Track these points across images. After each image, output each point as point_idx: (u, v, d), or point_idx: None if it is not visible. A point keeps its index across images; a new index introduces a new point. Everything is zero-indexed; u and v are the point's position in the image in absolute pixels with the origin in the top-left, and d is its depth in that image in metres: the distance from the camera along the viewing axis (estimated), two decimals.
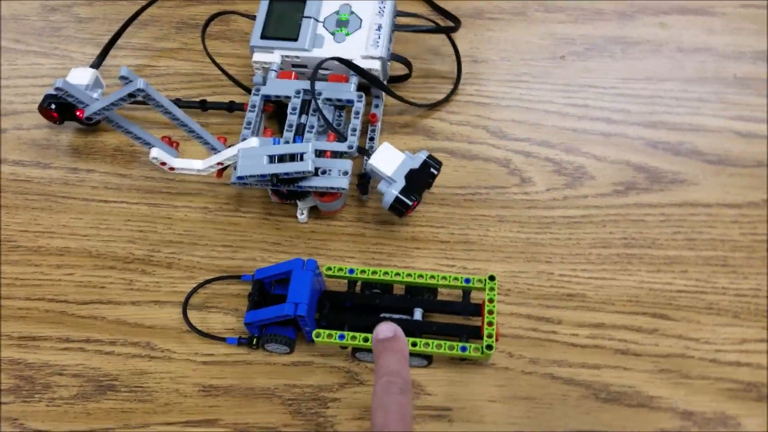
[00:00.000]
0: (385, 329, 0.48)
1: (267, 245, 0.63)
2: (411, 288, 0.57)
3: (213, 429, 0.55)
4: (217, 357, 0.58)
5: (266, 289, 0.58)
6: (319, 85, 0.63)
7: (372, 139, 0.65)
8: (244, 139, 0.61)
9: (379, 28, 0.66)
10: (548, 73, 0.72)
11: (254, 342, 0.57)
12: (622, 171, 0.65)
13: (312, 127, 0.61)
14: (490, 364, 0.57)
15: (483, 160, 0.66)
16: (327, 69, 0.66)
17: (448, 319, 0.57)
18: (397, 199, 0.58)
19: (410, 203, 0.58)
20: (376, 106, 0.67)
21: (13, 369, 0.58)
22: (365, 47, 0.66)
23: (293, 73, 0.65)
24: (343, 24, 0.67)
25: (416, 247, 0.62)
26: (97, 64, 0.71)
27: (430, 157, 0.60)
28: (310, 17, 0.66)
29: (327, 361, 0.57)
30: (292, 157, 0.57)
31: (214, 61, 0.67)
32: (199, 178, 0.67)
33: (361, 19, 0.67)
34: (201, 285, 0.61)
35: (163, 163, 0.59)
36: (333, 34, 0.66)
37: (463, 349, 0.53)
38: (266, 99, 0.64)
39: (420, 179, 0.59)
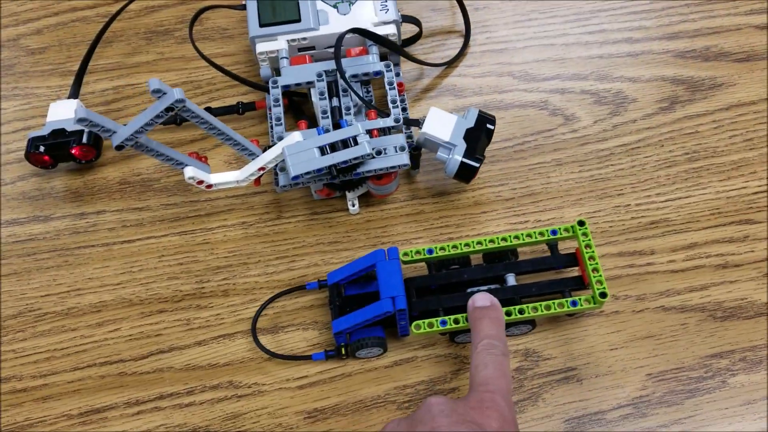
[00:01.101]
0: (482, 298, 0.48)
1: (324, 246, 0.58)
2: (488, 255, 0.54)
3: None
4: (311, 377, 0.53)
5: (343, 294, 0.53)
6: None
7: (405, 109, 0.60)
8: (281, 138, 0.55)
9: None
10: (554, 5, 0.68)
11: (343, 351, 0.52)
12: (660, 87, 0.63)
13: (348, 108, 0.56)
14: (598, 313, 0.54)
15: (519, 107, 0.63)
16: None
17: (538, 277, 0.54)
18: (462, 164, 0.54)
19: (478, 165, 0.54)
20: (397, 74, 0.63)
21: None
22: (375, 14, 0.60)
23: (307, 57, 0.59)
24: None
25: (482, 212, 0.58)
26: (74, 94, 0.63)
27: (480, 112, 0.56)
28: None
29: (430, 352, 0.53)
30: (344, 144, 0.52)
31: (213, 64, 0.60)
32: (226, 192, 0.60)
33: None
34: (264, 306, 0.55)
35: (200, 182, 0.53)
36: (335, 7, 0.61)
37: (574, 303, 0.49)
38: (285, 89, 0.58)
39: (479, 137, 0.55)
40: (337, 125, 0.55)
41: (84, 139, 0.58)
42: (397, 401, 0.51)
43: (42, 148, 0.58)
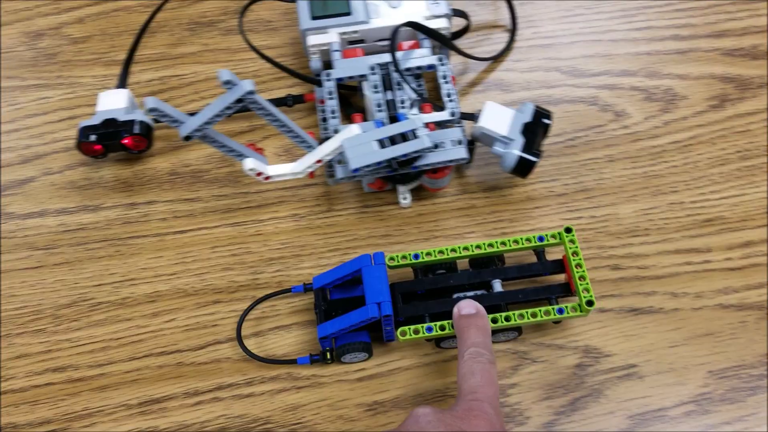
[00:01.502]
0: (468, 305, 0.48)
1: (377, 239, 0.58)
2: (474, 261, 0.53)
3: None
4: (369, 370, 0.53)
5: (327, 297, 0.53)
6: (390, 57, 0.58)
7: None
8: (337, 130, 0.55)
9: None
10: (598, 2, 0.69)
11: (328, 356, 0.51)
12: (710, 85, 0.63)
13: (403, 101, 0.56)
14: (657, 309, 0.54)
15: (569, 103, 0.63)
16: (385, 39, 0.60)
17: (524, 284, 0.53)
18: (521, 158, 0.54)
19: (536, 160, 0.54)
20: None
21: None
22: (426, 7, 0.60)
23: (359, 50, 0.59)
24: None
25: (535, 207, 0.59)
26: (122, 84, 0.62)
27: (537, 107, 0.56)
28: None
29: None
30: (404, 137, 0.52)
31: (264, 57, 0.60)
32: (276, 185, 0.60)
33: None
34: (250, 308, 0.54)
35: (259, 173, 0.52)
36: None
37: (560, 311, 0.49)
38: (339, 82, 0.58)
39: (536, 132, 0.55)
40: (393, 118, 0.55)
41: (136, 130, 0.58)
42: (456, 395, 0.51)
43: (93, 137, 0.58)
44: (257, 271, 0.57)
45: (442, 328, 0.49)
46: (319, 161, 0.53)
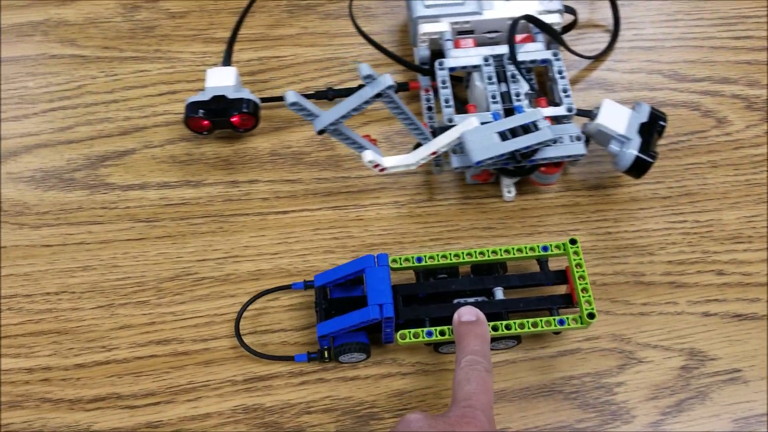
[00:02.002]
0: (468, 312, 0.47)
1: (479, 231, 0.58)
2: (477, 267, 0.53)
3: None
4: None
5: (329, 297, 0.52)
6: (504, 49, 0.58)
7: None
8: (450, 120, 0.55)
9: None
10: (698, 7, 0.68)
11: (326, 355, 0.51)
12: None
13: (518, 94, 0.56)
14: (761, 316, 0.54)
15: (671, 107, 0.63)
16: (496, 31, 0.60)
17: (524, 293, 0.53)
18: (638, 158, 0.54)
19: (652, 161, 0.54)
20: None
21: (253, 418, 0.50)
22: (539, 2, 0.60)
23: (472, 41, 0.59)
24: None
25: (639, 208, 0.58)
26: (227, 61, 0.62)
27: (653, 109, 0.55)
28: None
29: (594, 345, 0.53)
30: (525, 129, 0.52)
31: (374, 43, 0.60)
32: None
33: None
34: (249, 303, 0.54)
35: (376, 165, 0.52)
36: None
37: (561, 322, 0.49)
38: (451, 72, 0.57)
39: (651, 133, 0.55)
40: (511, 111, 0.55)
41: (245, 108, 0.58)
42: (564, 392, 0.51)
43: (202, 113, 0.58)
44: (359, 256, 0.56)
45: (442, 333, 0.48)
46: (433, 153, 0.53)
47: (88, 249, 0.57)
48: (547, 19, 0.59)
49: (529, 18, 0.57)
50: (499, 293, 0.51)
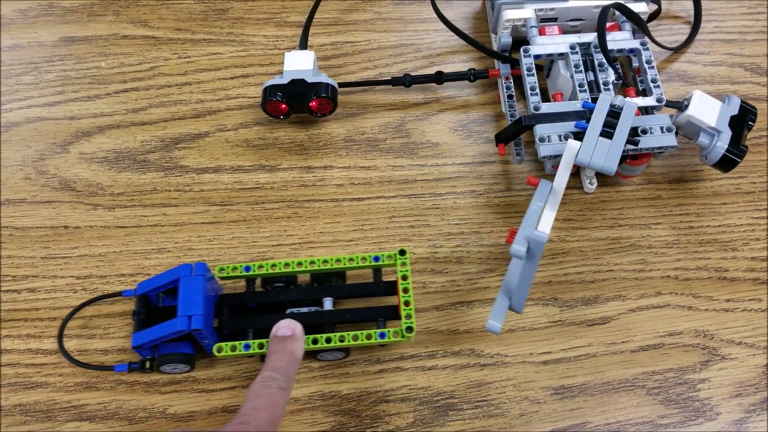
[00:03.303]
0: (285, 326, 0.45)
1: (558, 223, 0.57)
2: (317, 276, 0.52)
3: None
4: (554, 354, 0.52)
5: (154, 302, 0.51)
6: (591, 37, 0.56)
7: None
8: (537, 108, 0.53)
9: None
10: None
11: (147, 365, 0.50)
12: None
13: (606, 83, 0.54)
14: None
15: (754, 100, 0.61)
16: (579, 19, 0.59)
17: (363, 303, 0.52)
18: (729, 151, 0.52)
19: (742, 155, 0.52)
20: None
21: (330, 405, 0.50)
22: None
23: (558, 28, 0.58)
24: None
25: (722, 203, 0.57)
26: (304, 45, 0.62)
27: (743, 102, 0.54)
28: None
29: (677, 340, 0.52)
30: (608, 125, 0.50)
31: (451, 25, 0.59)
32: (453, 159, 0.59)
33: None
34: (76, 311, 0.53)
35: None
36: None
37: (382, 335, 0.47)
38: (536, 59, 0.56)
39: (742, 126, 0.53)
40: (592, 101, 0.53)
41: (323, 93, 0.57)
42: (646, 387, 0.50)
43: (280, 96, 0.57)
44: (436, 245, 0.56)
45: (261, 346, 0.47)
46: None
47: (162, 231, 0.57)
48: (634, 7, 0.58)
49: (619, 6, 0.56)
50: (329, 304, 0.50)
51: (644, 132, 0.52)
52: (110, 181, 0.59)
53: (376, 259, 0.50)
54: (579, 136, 0.51)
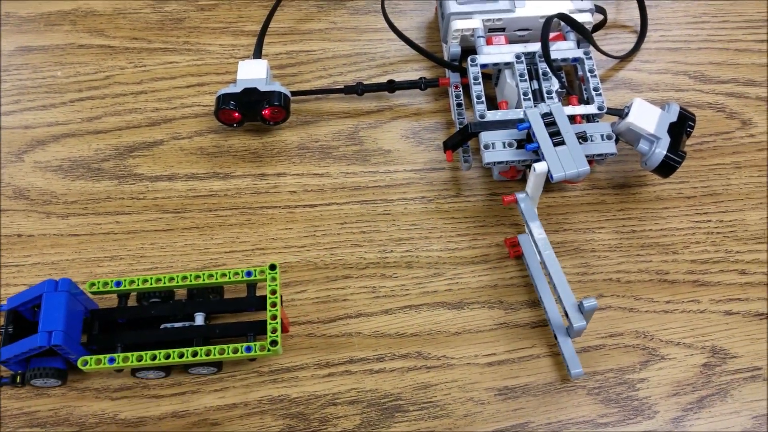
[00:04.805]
0: None
1: (506, 228, 0.58)
2: (194, 291, 0.53)
3: None
4: (499, 356, 0.53)
5: (27, 317, 0.52)
6: (536, 47, 0.58)
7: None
8: (482, 116, 0.55)
9: None
10: (725, 11, 0.69)
11: (18, 379, 0.51)
12: None
13: (550, 92, 0.56)
14: None
15: (696, 108, 0.63)
16: (527, 29, 0.61)
17: (239, 318, 0.54)
18: (666, 158, 0.54)
19: (680, 161, 0.54)
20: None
21: (279, 408, 0.51)
22: (570, 0, 0.61)
23: (504, 38, 0.59)
24: None
25: (664, 207, 0.59)
26: (258, 54, 0.62)
27: (681, 109, 0.56)
28: None
29: (618, 341, 0.54)
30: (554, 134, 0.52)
31: (406, 39, 0.61)
32: (404, 167, 0.61)
33: None
34: None
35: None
36: None
37: (248, 349, 0.48)
38: (483, 68, 0.58)
39: (680, 133, 0.55)
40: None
41: (276, 101, 0.58)
42: (587, 387, 0.52)
43: (233, 105, 0.58)
44: (386, 250, 0.57)
45: (126, 359, 0.48)
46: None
47: (115, 239, 0.58)
48: (579, 17, 0.59)
49: (562, 16, 0.58)
50: (200, 319, 0.51)
51: (585, 139, 0.54)
52: (64, 189, 0.60)
53: (249, 274, 0.51)
54: (522, 142, 0.52)
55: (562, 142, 0.51)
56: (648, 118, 0.55)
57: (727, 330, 0.54)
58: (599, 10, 0.64)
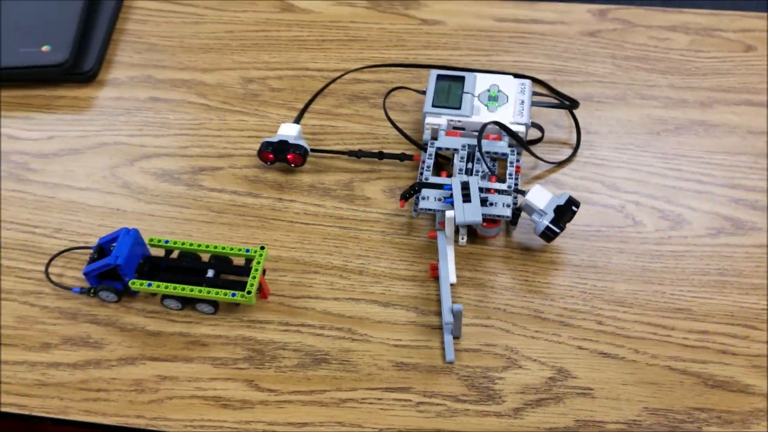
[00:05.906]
0: None
1: (435, 256, 0.81)
2: (214, 256, 0.78)
3: (406, 395, 0.71)
4: (404, 341, 0.75)
5: (106, 251, 0.76)
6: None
7: (517, 182, 0.84)
8: (426, 179, 0.80)
9: (522, 102, 0.86)
10: (648, 143, 0.91)
11: (91, 292, 0.77)
12: (713, 219, 0.83)
13: (478, 171, 0.80)
14: (621, 357, 0.73)
15: (602, 206, 0.85)
16: (476, 131, 0.86)
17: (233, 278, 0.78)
18: (548, 227, 0.76)
19: (558, 231, 0.76)
20: (518, 160, 0.86)
21: (247, 344, 0.75)
22: (513, 116, 0.86)
23: (458, 132, 0.85)
24: (493, 99, 0.87)
25: (555, 269, 0.80)
26: (297, 121, 0.91)
27: (570, 197, 0.78)
28: (468, 93, 0.87)
29: (492, 349, 0.74)
30: (466, 196, 0.76)
31: (393, 124, 0.88)
32: (377, 209, 0.86)
33: (507, 95, 0.87)
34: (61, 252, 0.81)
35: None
36: (486, 105, 0.87)
37: (233, 295, 0.73)
38: (438, 150, 0.83)
39: (564, 213, 0.77)
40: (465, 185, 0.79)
41: (298, 151, 0.86)
42: (460, 374, 0.72)
43: (270, 149, 0.86)
44: (348, 260, 0.81)
45: (158, 286, 0.73)
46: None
47: (176, 222, 0.85)
48: (515, 128, 0.84)
49: (497, 123, 0.83)
50: (210, 273, 0.77)
51: (490, 204, 0.77)
52: (153, 187, 0.89)
53: (247, 251, 0.76)
54: (449, 201, 0.77)
55: (469, 201, 0.75)
56: (541, 198, 0.78)
57: (575, 359, 0.73)
58: (539, 127, 0.88)
